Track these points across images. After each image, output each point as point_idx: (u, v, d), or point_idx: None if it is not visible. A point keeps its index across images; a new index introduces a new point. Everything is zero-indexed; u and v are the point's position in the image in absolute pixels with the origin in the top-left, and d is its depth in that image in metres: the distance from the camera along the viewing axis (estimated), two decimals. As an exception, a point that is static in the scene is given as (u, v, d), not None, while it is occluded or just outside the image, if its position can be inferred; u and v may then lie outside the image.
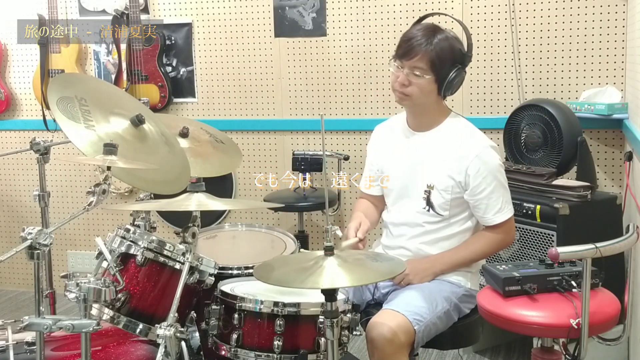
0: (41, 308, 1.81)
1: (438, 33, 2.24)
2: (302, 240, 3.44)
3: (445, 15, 2.49)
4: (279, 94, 3.82)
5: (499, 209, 2.26)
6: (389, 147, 2.44)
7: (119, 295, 1.96)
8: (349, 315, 1.98)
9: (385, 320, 2.08)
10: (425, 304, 2.16)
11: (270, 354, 1.94)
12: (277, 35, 3.77)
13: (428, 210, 2.30)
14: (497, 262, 2.98)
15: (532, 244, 2.93)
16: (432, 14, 2.42)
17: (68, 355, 2.04)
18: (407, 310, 2.11)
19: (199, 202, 2.02)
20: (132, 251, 2.04)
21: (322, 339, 1.91)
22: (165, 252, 2.05)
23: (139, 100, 2.53)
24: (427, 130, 2.35)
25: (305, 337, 1.95)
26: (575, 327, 1.92)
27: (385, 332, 2.04)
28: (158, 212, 3.84)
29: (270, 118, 3.85)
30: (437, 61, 2.20)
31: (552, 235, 2.83)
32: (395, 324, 2.06)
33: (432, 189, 2.29)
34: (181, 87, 3.97)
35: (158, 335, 1.79)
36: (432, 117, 2.34)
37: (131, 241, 2.06)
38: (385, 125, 2.52)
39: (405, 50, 2.24)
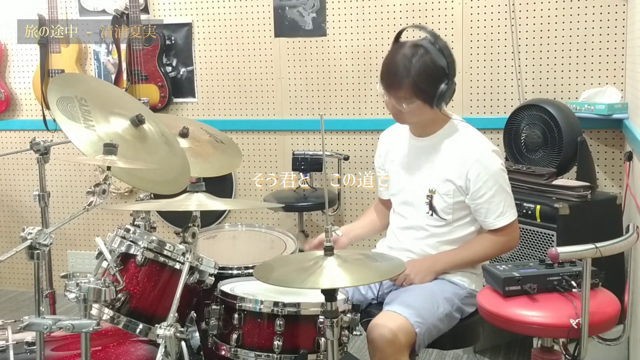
0: (41, 308, 1.81)
1: (415, 57, 2.16)
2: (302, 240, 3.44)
3: (420, 28, 2.25)
4: (279, 94, 3.82)
5: (500, 213, 2.24)
6: (393, 152, 2.46)
7: (119, 295, 1.95)
8: (349, 315, 1.98)
9: (386, 322, 2.08)
10: (426, 305, 2.15)
11: (270, 354, 1.93)
12: (277, 35, 3.77)
13: (432, 215, 2.30)
14: (497, 262, 2.97)
15: (532, 244, 2.93)
16: (405, 28, 2.29)
17: (68, 355, 2.04)
18: (408, 311, 2.10)
19: (199, 202, 2.02)
20: (132, 251, 2.04)
21: (322, 339, 1.91)
22: (165, 252, 2.05)
23: (139, 100, 2.53)
24: (427, 135, 2.35)
25: (305, 337, 1.95)
26: (575, 327, 1.91)
27: (385, 334, 2.04)
28: (158, 212, 3.84)
29: (270, 118, 3.85)
30: (419, 90, 2.16)
31: (552, 235, 2.83)
32: (395, 326, 2.06)
33: (434, 193, 2.28)
34: (181, 87, 3.97)
35: (158, 335, 1.79)
36: (433, 124, 2.33)
37: (131, 241, 2.05)
38: (390, 130, 2.52)
39: (387, 83, 2.21)
